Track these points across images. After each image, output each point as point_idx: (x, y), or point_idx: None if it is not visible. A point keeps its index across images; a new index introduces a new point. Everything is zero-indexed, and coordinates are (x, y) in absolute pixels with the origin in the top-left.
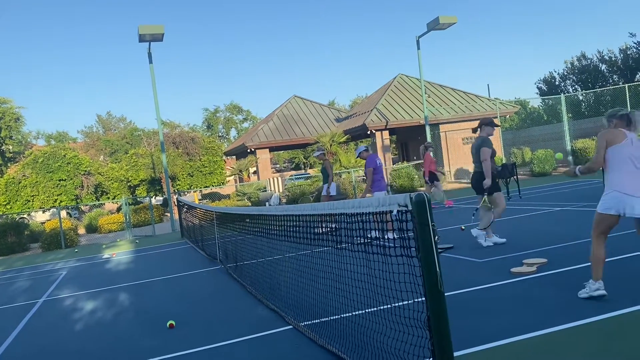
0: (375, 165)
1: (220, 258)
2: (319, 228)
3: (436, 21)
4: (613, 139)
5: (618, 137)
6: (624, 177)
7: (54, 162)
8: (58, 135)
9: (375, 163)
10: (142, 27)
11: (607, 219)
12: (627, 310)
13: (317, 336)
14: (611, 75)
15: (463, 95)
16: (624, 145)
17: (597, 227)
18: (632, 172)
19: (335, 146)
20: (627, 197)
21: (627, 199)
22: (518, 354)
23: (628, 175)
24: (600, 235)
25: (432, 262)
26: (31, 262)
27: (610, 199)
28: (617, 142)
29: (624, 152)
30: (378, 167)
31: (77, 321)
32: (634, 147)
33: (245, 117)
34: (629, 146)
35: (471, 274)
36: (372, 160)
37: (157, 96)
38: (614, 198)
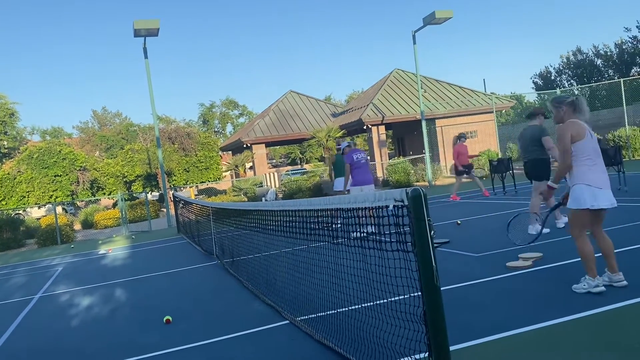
0: (351, 160)
1: (216, 253)
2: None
3: (432, 16)
4: (578, 133)
5: (582, 131)
6: (591, 171)
7: (49, 158)
8: (53, 130)
9: (351, 158)
10: (137, 22)
11: (582, 215)
12: (622, 304)
13: (313, 331)
14: (606, 70)
15: (459, 90)
16: (587, 140)
17: (575, 225)
18: (596, 164)
19: (331, 141)
20: (596, 189)
21: (596, 192)
22: (514, 348)
23: (592, 168)
24: (581, 231)
25: (428, 256)
26: (27, 258)
27: (581, 194)
28: (582, 136)
29: (588, 146)
30: (355, 162)
31: (74, 317)
32: (593, 139)
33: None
34: (590, 140)
35: (467, 269)
36: (349, 156)
37: (152, 91)
38: (585, 192)
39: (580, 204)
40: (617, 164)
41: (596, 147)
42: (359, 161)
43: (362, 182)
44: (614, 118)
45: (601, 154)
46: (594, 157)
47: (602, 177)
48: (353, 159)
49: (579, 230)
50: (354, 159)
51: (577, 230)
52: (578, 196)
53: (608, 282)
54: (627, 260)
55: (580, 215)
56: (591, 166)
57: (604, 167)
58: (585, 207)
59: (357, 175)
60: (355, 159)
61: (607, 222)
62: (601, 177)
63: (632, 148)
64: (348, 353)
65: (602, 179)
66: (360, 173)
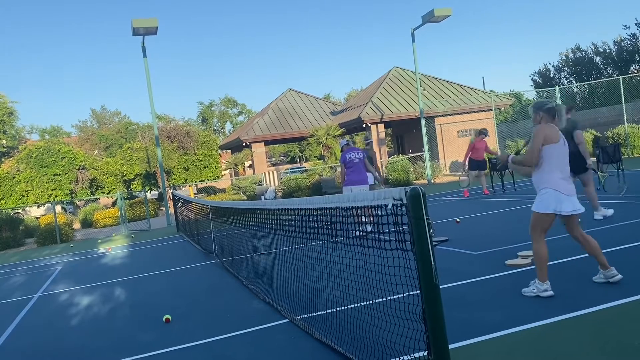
0: (344, 160)
1: (216, 252)
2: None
3: (431, 14)
4: (551, 137)
5: (555, 136)
6: (558, 176)
7: (48, 157)
8: (52, 129)
9: (344, 158)
10: (136, 21)
11: (545, 218)
12: (623, 301)
13: (313, 329)
14: (605, 68)
15: (458, 88)
16: (559, 146)
17: (537, 227)
18: (564, 171)
19: (330, 139)
20: (562, 195)
21: (562, 197)
22: (513, 346)
23: (562, 174)
24: (541, 234)
25: (427, 255)
26: (26, 257)
27: (548, 198)
28: (554, 141)
29: (559, 151)
30: (347, 162)
31: (73, 316)
32: (565, 147)
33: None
34: (562, 146)
35: (466, 267)
36: (342, 155)
37: (151, 90)
38: (552, 197)
39: (545, 208)
40: (616, 162)
41: (565, 154)
42: (351, 161)
43: (354, 182)
44: (612, 116)
45: (566, 159)
46: (563, 164)
47: (568, 184)
48: (346, 158)
49: (538, 233)
50: (346, 158)
51: (536, 232)
52: (544, 200)
53: (604, 279)
54: (627, 257)
55: (542, 218)
56: (559, 171)
57: (569, 174)
58: (549, 211)
59: (349, 175)
60: (348, 159)
61: (606, 220)
62: (567, 184)
63: (631, 145)
64: (347, 352)
65: (569, 185)
66: (352, 173)
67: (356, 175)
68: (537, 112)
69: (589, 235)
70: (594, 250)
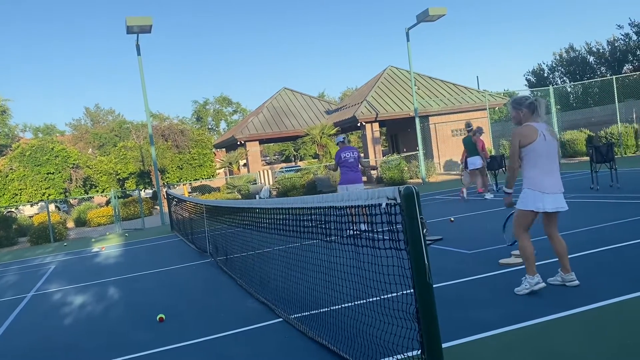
0: (338, 159)
1: (210, 251)
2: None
3: (425, 13)
4: (525, 139)
5: (531, 136)
6: (537, 174)
7: (41, 155)
8: (45, 128)
9: (338, 157)
10: (130, 19)
11: (528, 215)
12: (615, 300)
13: (307, 328)
14: (599, 67)
15: (452, 87)
16: (538, 143)
17: (519, 225)
18: (546, 168)
19: (325, 138)
20: (542, 194)
21: (541, 195)
22: (507, 345)
23: (542, 171)
24: (525, 231)
25: (420, 254)
26: (19, 256)
27: (527, 197)
28: (530, 141)
29: (538, 149)
30: (342, 161)
31: (67, 315)
32: (547, 142)
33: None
34: (542, 142)
35: (460, 266)
36: (337, 153)
37: (145, 88)
38: (530, 196)
39: (525, 205)
40: (609, 161)
41: (550, 150)
42: (346, 160)
43: (349, 181)
44: (606, 115)
45: (556, 157)
46: (545, 161)
47: (551, 181)
48: (341, 157)
49: (521, 230)
50: (341, 157)
51: (519, 229)
52: (524, 198)
53: (560, 282)
54: (623, 256)
55: (523, 215)
56: (539, 169)
57: (555, 171)
58: (529, 208)
59: (344, 173)
60: (343, 158)
61: (600, 219)
62: (550, 181)
63: (624, 145)
64: (341, 350)
65: (551, 183)
66: (347, 172)
67: (350, 174)
68: (519, 108)
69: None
70: (561, 252)
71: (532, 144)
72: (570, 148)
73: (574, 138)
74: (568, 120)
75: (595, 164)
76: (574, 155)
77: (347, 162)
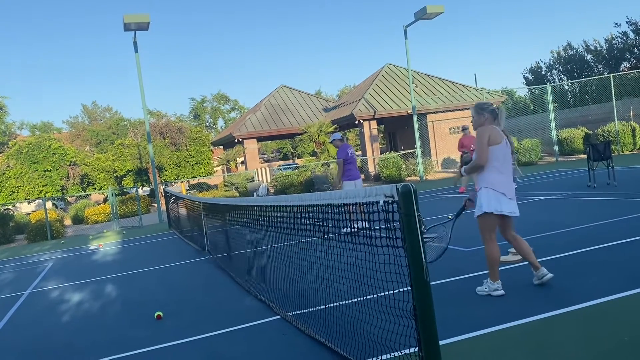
0: (346, 156)
1: (208, 249)
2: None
3: (423, 10)
4: (495, 138)
5: (498, 137)
6: (499, 177)
7: (39, 153)
8: (42, 125)
9: (346, 154)
10: (128, 16)
11: (490, 218)
12: (611, 298)
13: (304, 326)
14: (596, 65)
15: (450, 85)
16: (502, 146)
17: (484, 230)
18: (506, 172)
19: (323, 136)
20: (501, 196)
21: (501, 198)
22: (503, 342)
23: (502, 175)
24: (490, 235)
25: (418, 252)
26: (16, 253)
27: (489, 198)
28: (497, 142)
29: (501, 152)
30: (349, 158)
31: (64, 313)
32: (507, 147)
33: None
34: (505, 147)
35: (457, 263)
36: (343, 151)
37: (143, 86)
38: (492, 196)
39: (487, 208)
40: (607, 159)
41: (507, 155)
42: (352, 156)
43: (356, 177)
44: (603, 113)
45: (511, 162)
46: (503, 164)
47: (509, 184)
48: (348, 154)
49: (488, 234)
50: (348, 154)
51: (486, 234)
52: (484, 200)
53: (539, 282)
54: (619, 254)
55: (486, 219)
56: (500, 172)
57: (511, 175)
58: (490, 210)
59: (349, 170)
60: (350, 154)
61: (596, 217)
62: (507, 184)
63: (622, 143)
64: (339, 348)
65: (508, 186)
66: (353, 169)
67: (356, 170)
68: (483, 113)
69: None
70: (524, 252)
71: (498, 145)
72: (568, 146)
73: (571, 136)
74: (565, 118)
75: (592, 161)
76: (571, 153)
77: (353, 159)
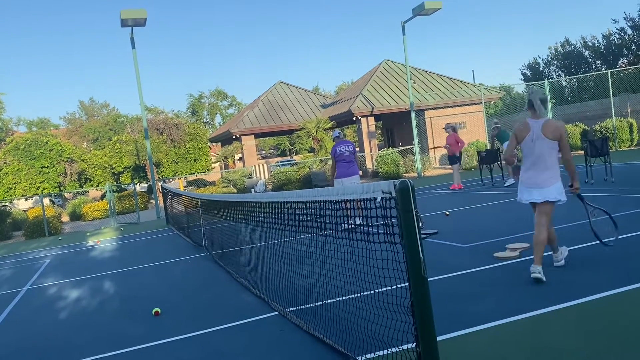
0: (334, 153)
1: (205, 245)
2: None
3: (421, 6)
4: (519, 135)
5: (522, 134)
6: (523, 170)
7: (36, 149)
8: (39, 121)
9: (334, 151)
10: (124, 12)
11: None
12: (607, 293)
13: (302, 322)
14: (594, 61)
15: (448, 81)
16: (526, 142)
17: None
18: (527, 165)
19: (320, 132)
20: (528, 188)
21: (521, 189)
22: (501, 337)
23: (525, 167)
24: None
25: (415, 248)
26: (14, 250)
27: (522, 192)
28: (521, 139)
29: (525, 148)
30: (338, 156)
31: (62, 310)
32: (534, 143)
33: (230, 103)
34: (529, 142)
35: (455, 259)
36: (333, 149)
37: (140, 82)
38: (523, 190)
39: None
40: (604, 155)
41: (532, 149)
42: (342, 154)
43: (344, 175)
44: (601, 109)
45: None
46: (529, 158)
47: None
48: (336, 152)
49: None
50: (337, 152)
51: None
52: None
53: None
54: (615, 250)
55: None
56: (524, 166)
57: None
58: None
59: (339, 168)
60: (339, 152)
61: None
62: (525, 175)
63: (619, 139)
64: (336, 344)
65: (527, 176)
66: (342, 166)
67: (346, 168)
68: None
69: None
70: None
71: (523, 142)
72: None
73: (568, 132)
74: (563, 114)
75: (590, 157)
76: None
77: (343, 156)
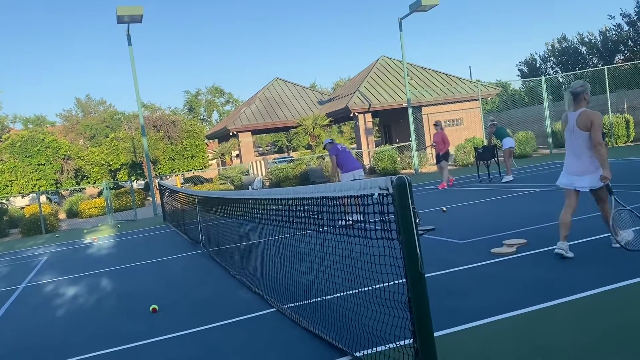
0: (336, 151)
1: (203, 242)
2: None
3: (418, 2)
4: (562, 127)
5: (563, 126)
6: (566, 159)
7: (32, 147)
8: (36, 119)
9: (336, 150)
10: (121, 8)
11: (565, 193)
12: (603, 289)
13: (300, 318)
14: (591, 58)
15: (445, 77)
16: (565, 132)
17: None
18: (568, 152)
19: (318, 129)
20: (568, 175)
21: (568, 176)
22: (498, 333)
23: (567, 157)
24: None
25: (412, 244)
26: (11, 247)
27: (562, 177)
28: (563, 130)
29: (566, 139)
30: (340, 152)
31: (59, 307)
32: (571, 134)
33: (227, 99)
34: (568, 134)
35: (452, 255)
36: (333, 148)
37: (136, 79)
38: (563, 175)
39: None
40: None
41: (570, 139)
42: (344, 150)
43: (354, 167)
44: (597, 105)
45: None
46: (569, 146)
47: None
48: (338, 148)
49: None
50: (339, 148)
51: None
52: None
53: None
54: (610, 246)
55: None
56: (567, 155)
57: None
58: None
59: (347, 162)
60: (341, 149)
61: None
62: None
63: (615, 135)
64: (334, 340)
65: (568, 163)
66: (350, 160)
67: (352, 162)
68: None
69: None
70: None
71: (565, 133)
72: (562, 138)
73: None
74: (560, 110)
75: None
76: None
77: (345, 152)
